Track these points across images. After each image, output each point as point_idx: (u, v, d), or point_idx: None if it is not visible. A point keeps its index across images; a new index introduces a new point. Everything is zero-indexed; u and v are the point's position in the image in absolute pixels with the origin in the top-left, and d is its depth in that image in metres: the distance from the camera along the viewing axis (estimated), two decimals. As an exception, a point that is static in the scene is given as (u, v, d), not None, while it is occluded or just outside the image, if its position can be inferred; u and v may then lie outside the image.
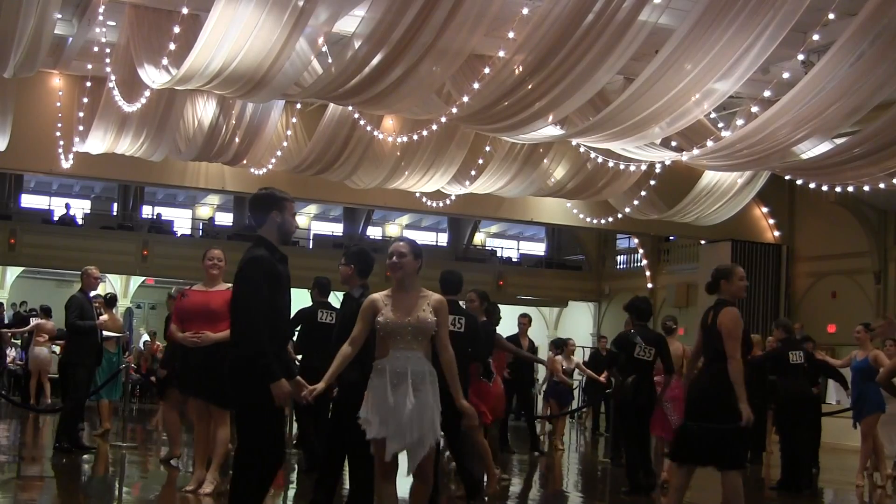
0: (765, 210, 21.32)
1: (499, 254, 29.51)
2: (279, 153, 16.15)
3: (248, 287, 5.08)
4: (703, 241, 21.93)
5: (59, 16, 12.11)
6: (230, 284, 7.79)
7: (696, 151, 12.07)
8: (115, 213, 26.54)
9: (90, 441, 11.09)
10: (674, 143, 13.32)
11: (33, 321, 17.39)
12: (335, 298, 10.60)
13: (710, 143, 11.91)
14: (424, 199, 18.97)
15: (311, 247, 25.96)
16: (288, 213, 5.35)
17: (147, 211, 27.38)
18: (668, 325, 10.41)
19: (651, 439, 9.66)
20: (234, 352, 5.15)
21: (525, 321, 13.28)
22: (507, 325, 14.03)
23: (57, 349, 15.86)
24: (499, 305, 10.38)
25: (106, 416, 12.13)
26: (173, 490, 8.48)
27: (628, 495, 9.22)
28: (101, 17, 12.51)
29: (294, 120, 16.48)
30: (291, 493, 8.92)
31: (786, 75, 10.96)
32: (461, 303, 8.43)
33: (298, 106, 16.31)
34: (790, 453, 10.27)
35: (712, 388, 6.44)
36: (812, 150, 12.45)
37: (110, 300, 12.66)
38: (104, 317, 10.84)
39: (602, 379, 13.66)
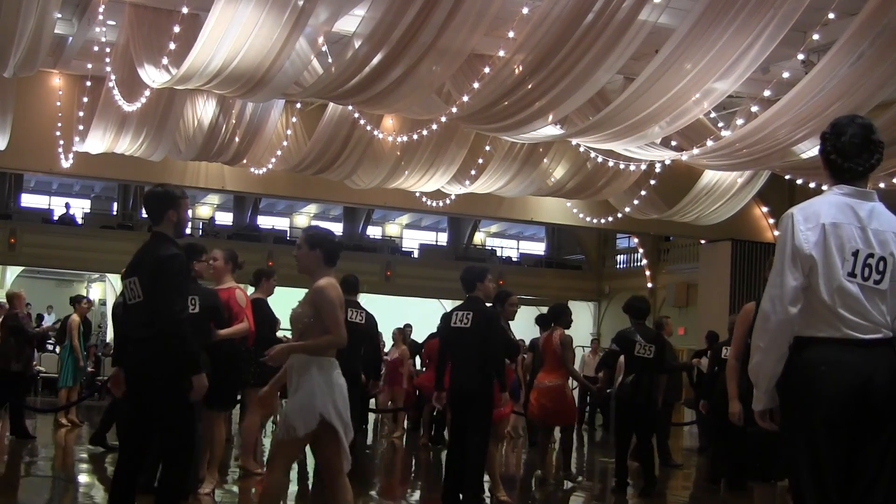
0: (765, 210, 21.30)
1: (499, 253, 29.51)
2: (279, 153, 16.15)
3: (174, 282, 5.27)
4: (702, 241, 21.93)
5: (59, 15, 12.10)
6: (230, 284, 7.84)
7: (696, 151, 12.05)
8: (115, 213, 26.55)
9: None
10: (674, 143, 13.30)
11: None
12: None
13: (710, 143, 11.90)
14: (424, 199, 18.96)
15: (311, 246, 25.90)
16: (183, 210, 5.48)
17: (147, 210, 27.38)
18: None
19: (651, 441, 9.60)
20: (150, 346, 5.29)
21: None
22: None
23: None
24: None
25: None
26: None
27: (614, 492, 9.46)
28: (101, 17, 12.49)
29: (294, 119, 16.48)
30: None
31: (786, 75, 10.94)
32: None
33: (298, 105, 16.30)
34: None
35: None
36: (812, 150, 12.41)
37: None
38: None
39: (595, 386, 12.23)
